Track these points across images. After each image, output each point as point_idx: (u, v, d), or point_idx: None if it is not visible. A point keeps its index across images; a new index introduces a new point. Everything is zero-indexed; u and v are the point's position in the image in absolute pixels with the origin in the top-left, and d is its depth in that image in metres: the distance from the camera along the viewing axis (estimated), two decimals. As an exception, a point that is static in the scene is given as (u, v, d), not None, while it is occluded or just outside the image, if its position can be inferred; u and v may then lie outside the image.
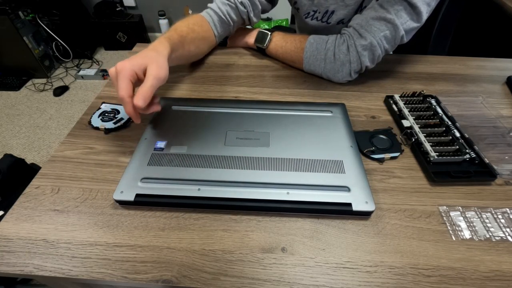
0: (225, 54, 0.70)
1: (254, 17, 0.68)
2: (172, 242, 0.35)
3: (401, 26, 0.52)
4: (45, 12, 1.91)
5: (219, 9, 0.63)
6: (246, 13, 0.66)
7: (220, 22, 0.64)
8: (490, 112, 0.54)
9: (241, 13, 0.66)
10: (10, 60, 1.91)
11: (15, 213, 0.38)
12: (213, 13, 0.63)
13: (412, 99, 0.54)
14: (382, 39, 0.53)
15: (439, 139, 0.46)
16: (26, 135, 1.61)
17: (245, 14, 0.66)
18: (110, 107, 0.53)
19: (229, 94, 0.58)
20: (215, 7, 0.64)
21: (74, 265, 0.33)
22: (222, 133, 0.46)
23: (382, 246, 0.35)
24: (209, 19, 0.63)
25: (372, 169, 0.44)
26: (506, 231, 0.37)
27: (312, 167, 0.41)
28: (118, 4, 2.16)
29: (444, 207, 0.39)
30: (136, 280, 0.32)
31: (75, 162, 0.45)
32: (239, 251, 0.35)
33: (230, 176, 0.40)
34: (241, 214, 0.38)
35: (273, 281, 0.32)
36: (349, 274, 0.33)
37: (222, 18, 0.64)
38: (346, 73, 0.57)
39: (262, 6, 0.68)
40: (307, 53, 0.60)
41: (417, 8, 0.50)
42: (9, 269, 0.33)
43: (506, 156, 0.45)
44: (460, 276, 0.33)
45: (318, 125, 0.48)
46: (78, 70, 2.03)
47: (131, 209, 0.39)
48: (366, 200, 0.37)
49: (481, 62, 0.68)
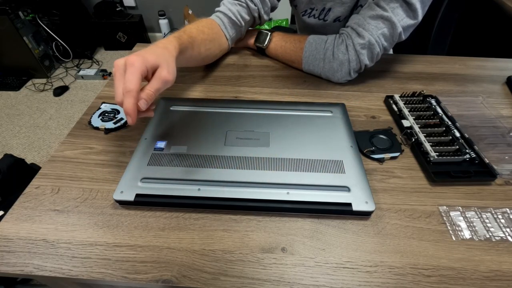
0: (225, 54, 0.70)
1: (265, 15, 0.66)
2: (172, 242, 0.35)
3: (399, 23, 0.52)
4: (45, 12, 1.91)
5: (229, 10, 0.61)
6: (257, 11, 0.64)
7: (231, 24, 0.62)
8: (490, 112, 0.54)
9: (252, 11, 0.63)
10: (10, 60, 1.91)
11: (15, 213, 0.38)
12: (222, 16, 0.62)
13: (412, 99, 0.54)
14: (380, 37, 0.53)
15: (439, 139, 0.46)
16: (26, 135, 1.61)
17: (256, 12, 0.64)
18: (110, 107, 0.53)
19: (229, 94, 0.58)
20: (224, 9, 0.62)
21: (74, 265, 0.33)
22: (222, 133, 0.46)
23: (382, 246, 0.35)
24: (219, 22, 0.61)
25: (372, 169, 0.44)
26: (506, 231, 0.37)
27: (312, 167, 0.41)
28: (118, 4, 2.16)
29: (444, 207, 0.39)
30: (136, 280, 0.32)
31: (75, 162, 0.45)
32: (239, 251, 0.35)
33: (230, 176, 0.40)
34: (241, 214, 0.38)
35: (273, 281, 0.32)
36: (349, 274, 0.33)
37: (232, 19, 0.62)
38: (346, 73, 0.57)
39: (271, 3, 0.66)
40: (306, 53, 0.60)
41: (412, 5, 0.51)
42: (9, 269, 0.33)
43: (506, 156, 0.45)
44: (460, 276, 0.33)
45: (318, 125, 0.48)
46: (78, 70, 2.03)
47: (131, 209, 0.39)
48: (366, 200, 0.37)
49: (481, 62, 0.68)
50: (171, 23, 2.29)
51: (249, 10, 0.63)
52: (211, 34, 0.59)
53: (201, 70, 0.65)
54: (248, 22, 0.65)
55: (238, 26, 0.63)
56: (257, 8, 0.63)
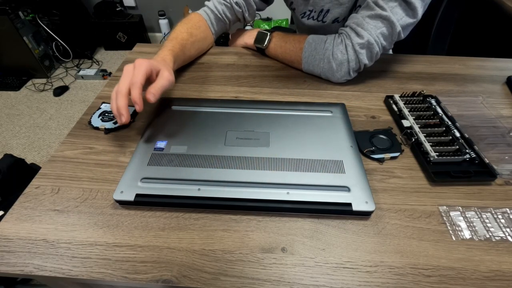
0: (225, 54, 0.70)
1: (249, 17, 0.71)
2: (172, 242, 0.35)
3: (397, 22, 0.52)
4: (45, 12, 1.91)
5: (215, 8, 0.66)
6: (241, 13, 0.69)
7: (217, 20, 0.67)
8: (490, 112, 0.54)
9: (236, 13, 0.69)
10: (10, 60, 1.91)
11: (15, 213, 0.38)
12: (210, 12, 0.67)
13: (412, 99, 0.54)
14: (379, 36, 0.53)
15: (439, 139, 0.46)
16: (26, 135, 1.61)
17: (240, 14, 0.69)
18: (110, 107, 0.53)
19: (229, 94, 0.58)
20: (211, 6, 0.67)
21: (74, 265, 0.33)
22: (222, 133, 0.46)
23: (382, 246, 0.35)
24: (206, 18, 0.66)
25: (372, 169, 0.44)
26: (506, 231, 0.37)
27: (312, 167, 0.41)
28: (118, 4, 2.16)
29: (444, 207, 0.39)
30: (136, 280, 0.32)
31: (75, 162, 0.45)
32: (239, 251, 0.35)
33: (230, 176, 0.40)
34: (241, 214, 0.38)
35: (273, 281, 0.32)
36: (349, 274, 0.33)
37: (218, 16, 0.67)
38: (345, 72, 0.57)
39: (257, 6, 0.71)
40: (306, 53, 0.60)
41: (412, 4, 0.51)
42: (9, 269, 0.33)
43: (506, 156, 0.45)
44: (460, 276, 0.33)
45: (318, 125, 0.48)
46: (78, 70, 2.03)
47: (131, 209, 0.39)
48: (366, 200, 0.37)
49: (481, 62, 0.68)
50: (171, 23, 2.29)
51: (233, 11, 0.68)
52: (199, 34, 0.64)
53: (201, 70, 0.65)
54: (233, 20, 0.71)
55: (223, 23, 0.69)
56: (241, 10, 0.68)
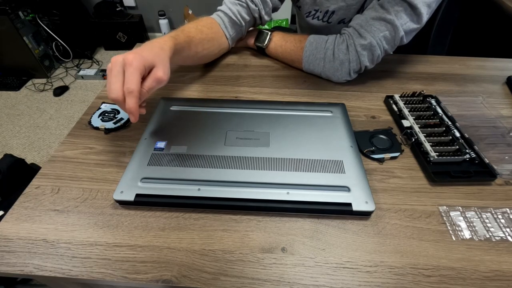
0: (225, 54, 0.70)
1: (265, 15, 0.66)
2: (172, 242, 0.35)
3: (401, 27, 0.52)
4: (45, 12, 1.91)
5: (230, 10, 0.62)
6: (257, 11, 0.64)
7: (231, 23, 0.62)
8: (490, 112, 0.54)
9: (253, 12, 0.63)
10: (10, 60, 1.91)
11: (15, 213, 0.38)
12: (223, 15, 0.62)
13: (412, 99, 0.54)
14: (381, 40, 0.53)
15: (439, 139, 0.46)
16: (26, 135, 1.61)
17: (257, 12, 0.64)
18: (110, 107, 0.53)
19: (229, 94, 0.58)
20: (225, 9, 0.62)
21: (74, 265, 0.33)
22: (222, 133, 0.46)
23: (382, 246, 0.35)
24: (219, 21, 0.61)
25: (372, 169, 0.44)
26: (506, 231, 0.37)
27: (312, 167, 0.41)
28: (118, 4, 2.16)
29: (444, 207, 0.39)
30: (136, 280, 0.32)
31: (75, 162, 0.45)
32: (239, 251, 0.35)
33: (230, 176, 0.40)
34: (241, 214, 0.38)
35: (273, 281, 0.32)
36: (349, 274, 0.33)
37: (232, 19, 0.62)
38: (345, 73, 0.57)
39: (273, 4, 0.66)
40: (307, 52, 0.60)
41: (418, 9, 0.50)
42: (9, 269, 0.33)
43: (506, 156, 0.45)
44: (460, 276, 0.33)
45: (318, 125, 0.48)
46: (78, 70, 2.03)
47: (131, 209, 0.39)
48: (366, 200, 0.37)
49: (481, 62, 0.68)
50: (171, 23, 2.29)
51: (249, 10, 0.64)
52: (210, 33, 0.59)
53: (201, 70, 0.65)
54: (249, 22, 0.65)
55: (238, 26, 0.63)
56: (258, 8, 0.63)
